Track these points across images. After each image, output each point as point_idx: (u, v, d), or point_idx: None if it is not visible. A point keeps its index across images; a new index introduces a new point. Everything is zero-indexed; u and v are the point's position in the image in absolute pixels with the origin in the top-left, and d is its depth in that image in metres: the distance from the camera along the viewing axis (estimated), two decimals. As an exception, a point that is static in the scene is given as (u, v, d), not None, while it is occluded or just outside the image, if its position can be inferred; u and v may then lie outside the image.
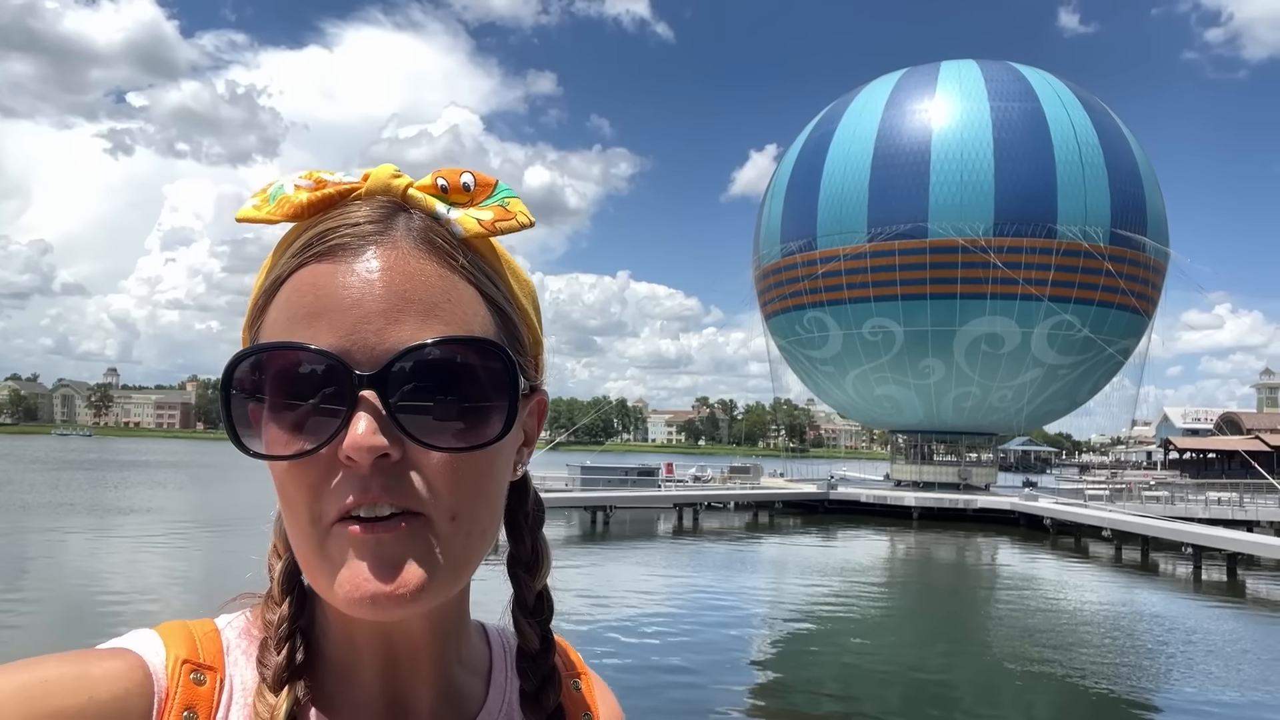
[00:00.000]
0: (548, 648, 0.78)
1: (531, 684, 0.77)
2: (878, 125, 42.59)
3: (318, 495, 0.61)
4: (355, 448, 0.58)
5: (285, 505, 0.64)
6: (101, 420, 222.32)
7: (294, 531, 0.64)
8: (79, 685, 0.59)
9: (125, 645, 0.65)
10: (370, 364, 0.59)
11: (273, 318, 0.64)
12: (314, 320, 0.61)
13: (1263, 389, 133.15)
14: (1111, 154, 41.37)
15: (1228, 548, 26.36)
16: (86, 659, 0.62)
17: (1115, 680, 13.97)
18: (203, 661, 0.67)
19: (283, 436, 0.60)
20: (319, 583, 0.63)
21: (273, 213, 0.64)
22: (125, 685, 0.61)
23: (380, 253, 0.62)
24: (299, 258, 0.63)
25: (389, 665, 0.70)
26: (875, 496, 42.68)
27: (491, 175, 0.69)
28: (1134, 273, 41.43)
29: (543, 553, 0.79)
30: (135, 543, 25.22)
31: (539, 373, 0.73)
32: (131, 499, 39.14)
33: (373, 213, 0.64)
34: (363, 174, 0.67)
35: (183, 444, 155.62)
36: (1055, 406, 47.16)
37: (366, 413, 0.59)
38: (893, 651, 15.82)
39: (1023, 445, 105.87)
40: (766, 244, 47.52)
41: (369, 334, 0.60)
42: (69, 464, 69.37)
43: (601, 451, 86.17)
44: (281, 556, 0.72)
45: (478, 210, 0.67)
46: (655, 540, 31.99)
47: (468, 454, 0.62)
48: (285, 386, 0.61)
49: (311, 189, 0.65)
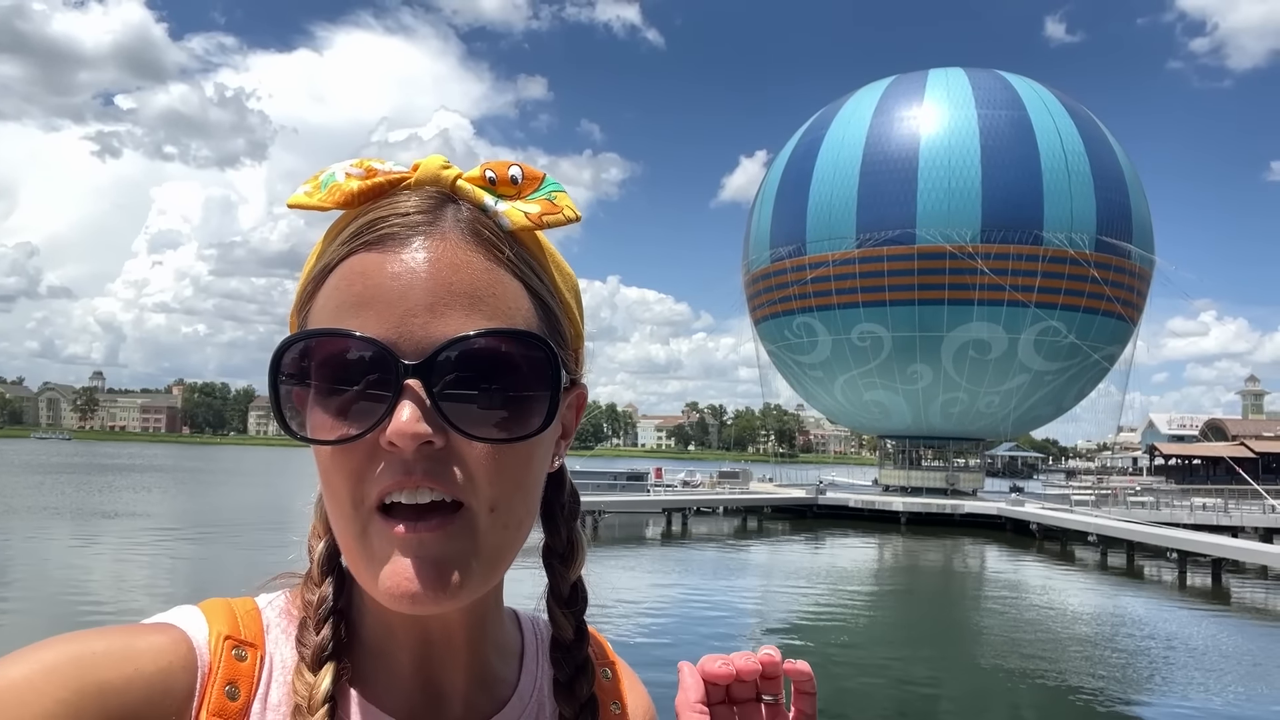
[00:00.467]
0: (581, 638, 0.79)
1: (565, 673, 0.78)
2: (866, 132, 42.80)
3: (360, 480, 0.62)
4: (399, 434, 0.59)
5: (327, 490, 0.65)
6: (87, 424, 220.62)
7: (336, 515, 0.65)
8: (125, 657, 0.61)
9: (170, 620, 0.67)
10: (416, 353, 0.61)
11: (320, 304, 0.65)
12: (362, 308, 0.62)
13: (1248, 395, 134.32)
14: (1097, 162, 41.68)
15: (1212, 553, 26.52)
16: (133, 633, 0.64)
17: (1101, 686, 14.04)
18: (244, 638, 0.68)
19: (328, 421, 0.62)
20: (360, 572, 0.64)
21: (324, 200, 0.66)
22: (170, 659, 0.63)
23: (428, 243, 0.64)
24: (348, 245, 0.64)
25: (424, 648, 0.72)
26: (863, 501, 42.79)
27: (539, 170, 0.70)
28: (1119, 279, 41.71)
29: (578, 543, 0.81)
30: (118, 547, 25.05)
31: (579, 366, 0.75)
32: (115, 503, 38.89)
33: (422, 203, 0.65)
34: (413, 164, 0.68)
35: (168, 448, 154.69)
36: (1042, 412, 47.41)
37: (411, 401, 0.60)
38: (880, 656, 15.87)
39: (1009, 451, 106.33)
40: (756, 249, 47.64)
41: (415, 324, 0.61)
42: (53, 468, 68.84)
43: (591, 456, 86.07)
44: (322, 538, 0.74)
45: (524, 203, 0.68)
46: (644, 545, 31.98)
47: (509, 445, 0.63)
48: (332, 372, 0.62)
49: (362, 177, 0.66)
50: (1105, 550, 31.23)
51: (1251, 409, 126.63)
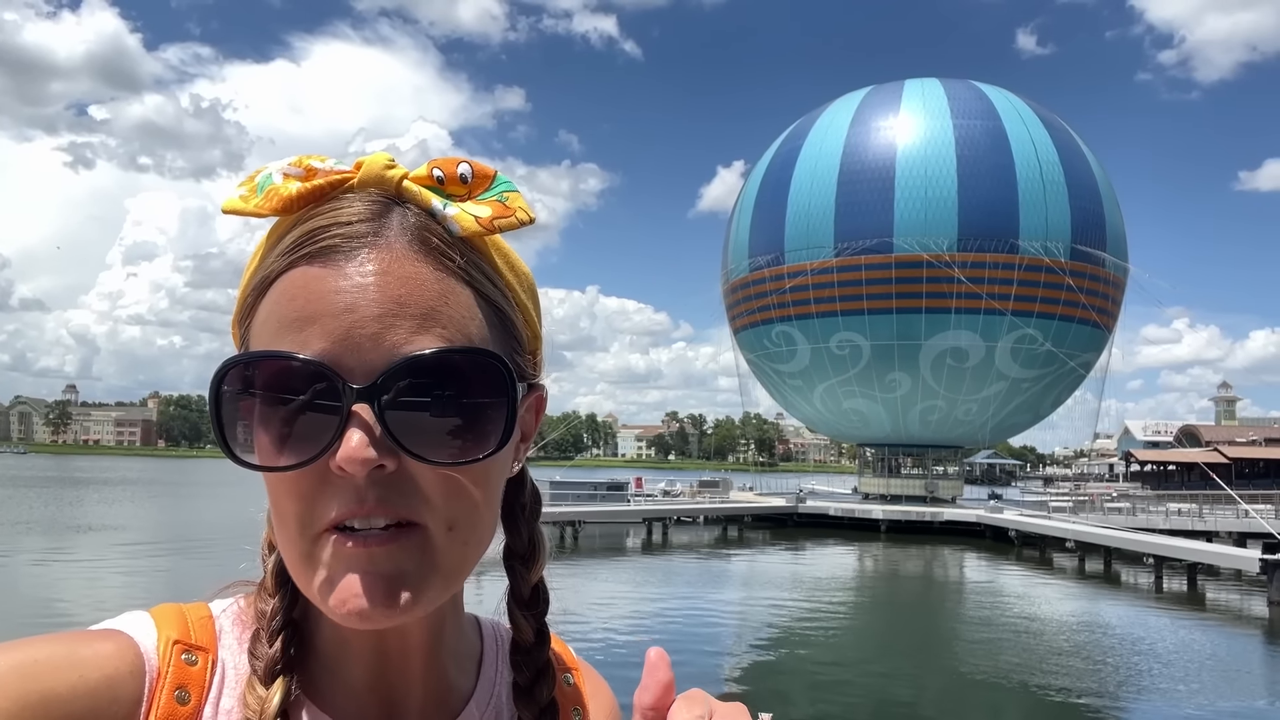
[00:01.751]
0: (542, 641, 0.77)
1: (525, 677, 0.76)
2: (843, 142, 43.07)
3: (310, 505, 0.59)
4: (348, 460, 0.56)
5: (275, 511, 0.63)
6: (60, 438, 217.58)
7: (282, 538, 0.63)
8: (69, 664, 0.59)
9: (117, 626, 0.65)
10: (364, 374, 0.58)
11: (261, 319, 0.62)
12: (305, 325, 0.58)
13: (1220, 402, 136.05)
14: (1071, 171, 42.16)
15: (1188, 558, 26.77)
16: (77, 639, 0.62)
17: (1081, 691, 14.08)
18: (195, 642, 0.66)
19: (274, 446, 0.59)
20: (308, 590, 0.62)
21: (260, 205, 0.62)
22: (116, 665, 0.61)
23: (374, 255, 0.60)
24: (288, 257, 0.61)
25: (379, 659, 0.69)
26: (843, 510, 42.86)
27: (490, 166, 0.67)
28: (1094, 287, 42.16)
29: (539, 544, 0.78)
30: (91, 563, 24.63)
31: (538, 368, 0.72)
32: (87, 517, 38.28)
33: (365, 209, 0.61)
34: (355, 162, 0.64)
35: (143, 461, 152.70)
36: (1019, 420, 47.76)
37: (358, 426, 0.57)
38: (861, 664, 15.85)
39: (988, 458, 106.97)
40: (735, 259, 47.77)
41: (363, 341, 0.58)
42: (22, 482, 67.73)
43: (571, 467, 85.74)
44: (275, 549, 0.70)
45: (475, 205, 0.64)
46: (625, 555, 31.85)
47: (463, 466, 0.61)
48: (276, 396, 0.58)
49: (301, 177, 0.62)
50: (1083, 556, 31.43)
51: (1224, 415, 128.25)
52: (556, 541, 33.60)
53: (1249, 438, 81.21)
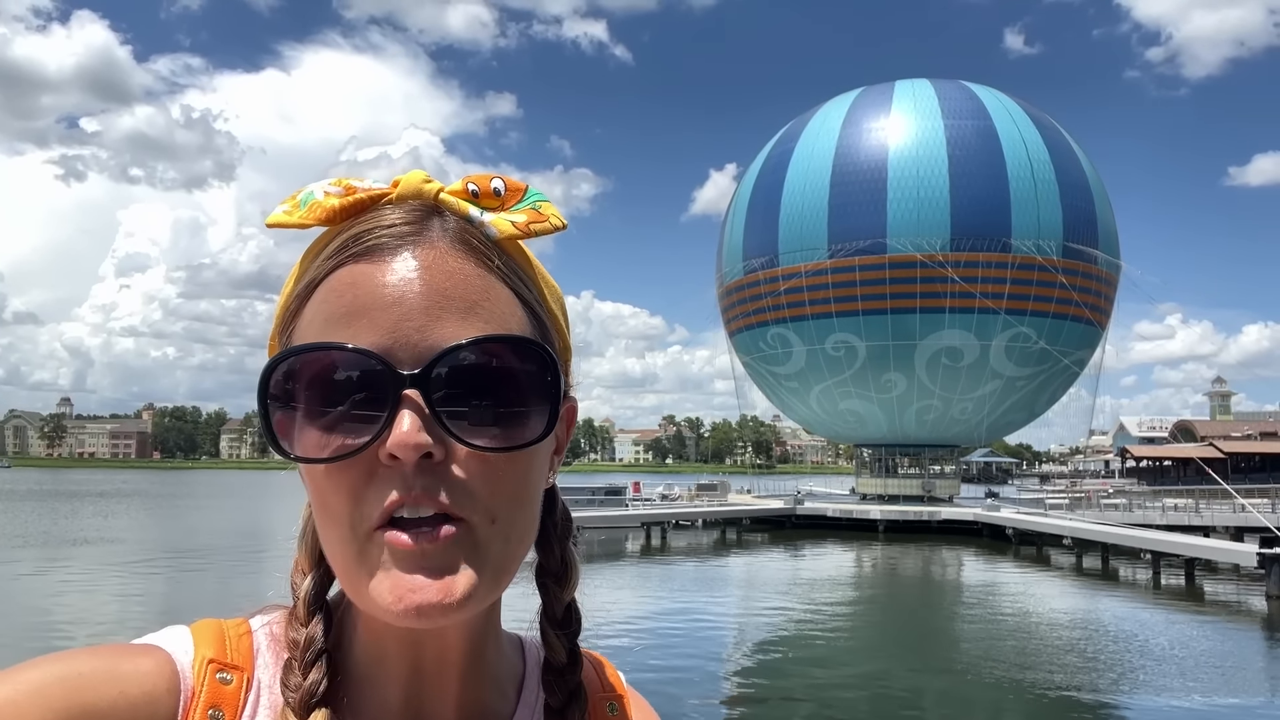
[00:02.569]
0: (575, 661, 0.76)
1: (558, 699, 0.74)
2: (835, 143, 43.21)
3: (358, 499, 0.60)
4: (401, 445, 0.57)
5: (322, 512, 0.63)
6: (55, 451, 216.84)
7: (332, 538, 0.62)
8: (111, 680, 0.60)
9: (157, 642, 0.66)
10: (412, 362, 0.59)
11: (307, 320, 0.63)
12: (353, 320, 0.60)
13: (1215, 397, 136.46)
14: (1062, 170, 42.35)
15: (1185, 553, 26.85)
16: (119, 654, 0.62)
17: (1081, 688, 14.12)
18: (230, 661, 0.67)
19: (322, 439, 0.59)
20: (359, 592, 0.61)
21: (305, 217, 0.64)
22: (155, 682, 0.62)
23: (418, 252, 0.62)
24: (334, 259, 0.63)
25: (415, 680, 0.69)
26: (841, 511, 42.93)
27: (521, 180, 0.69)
28: (1087, 285, 42.32)
29: (571, 563, 0.78)
30: (87, 577, 24.55)
31: (568, 379, 0.73)
32: (83, 530, 38.16)
33: (407, 214, 0.64)
34: (392, 181, 0.66)
35: (139, 474, 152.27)
36: (1015, 418, 47.89)
37: (411, 410, 0.58)
38: (862, 664, 15.87)
39: (984, 457, 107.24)
40: (729, 261, 47.86)
41: (410, 332, 0.60)
42: (15, 496, 67.50)
43: (569, 472, 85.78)
44: (308, 573, 0.70)
45: (510, 214, 0.67)
46: (624, 560, 31.84)
47: (508, 455, 0.61)
48: (324, 388, 0.60)
49: (342, 195, 0.64)
50: (1080, 553, 31.53)
51: (1219, 410, 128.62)
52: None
53: (1244, 432, 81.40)
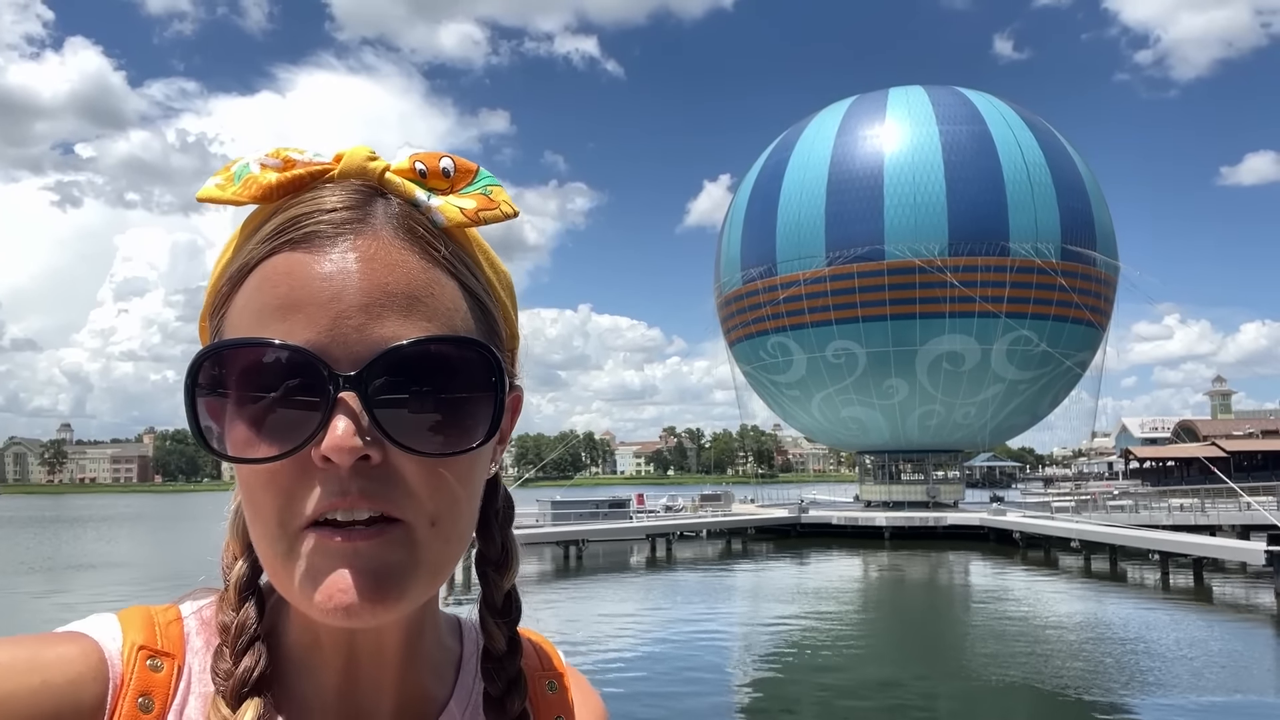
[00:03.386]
0: (515, 649, 0.75)
1: (497, 687, 0.73)
2: (831, 151, 43.28)
3: (289, 499, 0.57)
4: (335, 449, 0.55)
5: (251, 508, 0.60)
6: (56, 478, 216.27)
7: (260, 535, 0.60)
8: (31, 668, 0.58)
9: (82, 629, 0.64)
10: (350, 362, 0.56)
11: (240, 307, 0.60)
12: (289, 313, 0.57)
13: (1215, 396, 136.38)
14: (1058, 172, 42.41)
15: (1193, 553, 26.76)
16: (41, 642, 0.61)
17: (1092, 690, 14.03)
18: (160, 648, 0.65)
19: (254, 437, 0.57)
20: (287, 589, 0.59)
21: (238, 193, 0.60)
22: (79, 669, 0.60)
23: (359, 242, 0.59)
24: (269, 244, 0.59)
25: (350, 665, 0.67)
26: (846, 518, 42.78)
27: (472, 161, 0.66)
28: (1086, 286, 42.31)
29: (512, 551, 0.76)
30: (91, 602, 24.45)
31: (515, 368, 0.71)
32: (85, 555, 38.01)
33: (349, 198, 0.60)
34: (335, 154, 0.63)
35: (141, 498, 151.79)
36: (1017, 421, 47.78)
37: (345, 414, 0.55)
38: (871, 671, 15.78)
39: (987, 461, 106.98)
40: (727, 271, 47.87)
41: (349, 330, 0.57)
42: (17, 524, 67.25)
43: (571, 486, 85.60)
44: (239, 558, 0.68)
45: (459, 198, 0.63)
46: (629, 572, 31.72)
47: (450, 458, 0.59)
48: (257, 385, 0.57)
49: (279, 168, 0.61)
50: (1088, 555, 31.42)
51: (1220, 409, 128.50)
52: (560, 561, 33.47)
53: (1246, 430, 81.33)
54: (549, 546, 34.53)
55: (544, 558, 33.72)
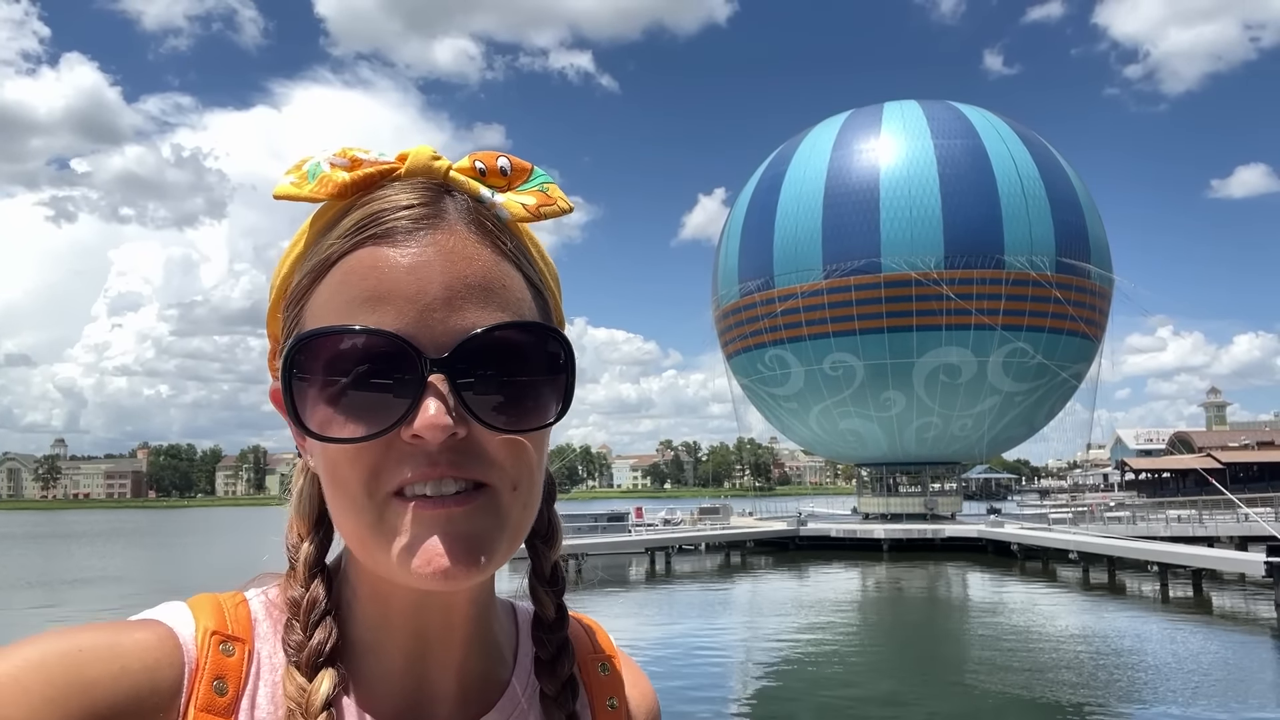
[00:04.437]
0: (563, 616, 0.79)
1: (548, 652, 0.77)
2: (827, 165, 43.55)
3: (375, 473, 0.62)
4: (428, 428, 0.59)
5: (336, 484, 0.64)
6: (50, 493, 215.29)
7: (345, 508, 0.64)
8: (112, 654, 0.61)
9: (156, 616, 0.67)
10: (437, 347, 0.61)
11: (325, 298, 0.64)
12: (377, 304, 0.61)
13: (1210, 407, 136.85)
14: (1052, 185, 42.72)
15: (1192, 564, 26.82)
16: (119, 629, 0.63)
17: (1091, 704, 14.05)
18: (231, 633, 0.68)
19: (346, 418, 0.61)
20: (376, 557, 0.63)
21: (315, 190, 0.64)
22: (156, 655, 0.63)
23: (437, 236, 0.64)
24: (351, 239, 0.64)
25: (419, 646, 0.71)
26: (845, 531, 42.79)
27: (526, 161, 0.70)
28: (1081, 299, 42.55)
29: (557, 524, 0.81)
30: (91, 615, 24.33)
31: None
32: (81, 570, 37.86)
33: (423, 194, 0.65)
34: (398, 154, 0.67)
35: (135, 514, 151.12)
36: (1014, 433, 47.91)
37: (435, 396, 0.60)
38: (869, 685, 15.78)
39: (983, 473, 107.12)
40: (725, 285, 48.04)
41: (434, 318, 0.61)
42: (14, 540, 66.93)
43: (568, 500, 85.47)
44: (305, 538, 0.72)
45: (518, 195, 0.68)
46: (629, 586, 31.68)
47: (513, 435, 0.64)
48: (352, 369, 0.61)
49: (346, 167, 0.65)
50: (1087, 567, 31.45)
51: (1215, 420, 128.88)
52: (559, 575, 33.37)
53: (1241, 441, 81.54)
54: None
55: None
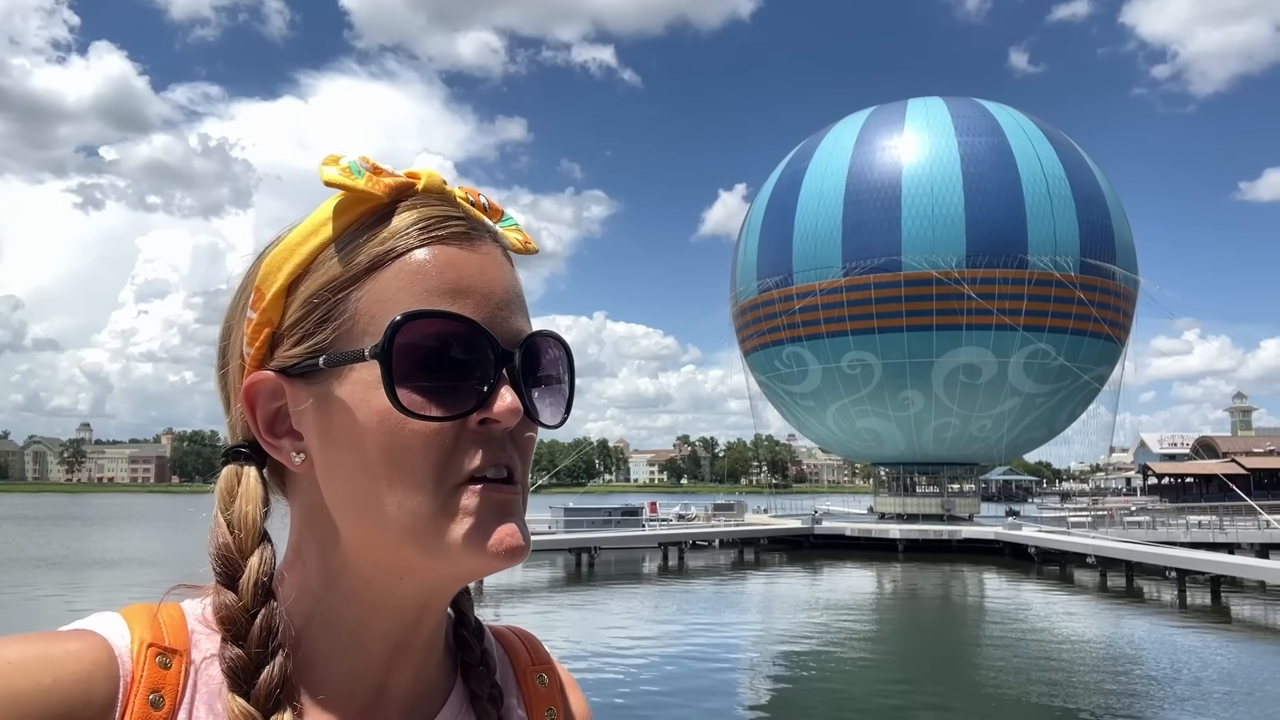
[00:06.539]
0: (480, 623, 0.83)
1: (473, 655, 0.80)
2: (849, 162, 43.24)
3: (449, 456, 0.65)
4: (507, 412, 0.65)
5: (402, 469, 0.65)
6: (75, 477, 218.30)
7: (413, 491, 0.65)
8: (42, 666, 0.59)
9: (89, 627, 0.65)
10: (507, 343, 0.68)
11: (395, 287, 0.66)
12: (457, 298, 0.66)
13: (1236, 412, 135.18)
14: (1078, 185, 42.18)
15: (1211, 570, 26.47)
16: (50, 640, 0.61)
17: (1104, 711, 13.89)
18: (168, 645, 0.66)
19: (428, 400, 0.64)
20: (438, 540, 0.65)
21: (369, 185, 0.68)
22: (89, 667, 0.61)
23: (488, 247, 0.71)
24: (421, 237, 0.67)
25: (388, 653, 0.72)
26: (860, 530, 42.58)
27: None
28: (1105, 300, 42.03)
29: None
30: (111, 597, 24.64)
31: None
32: (105, 552, 38.35)
33: (460, 209, 0.72)
34: (405, 172, 0.71)
35: (158, 498, 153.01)
36: (1034, 435, 47.46)
37: (511, 384, 0.67)
38: (883, 687, 15.69)
39: (1003, 475, 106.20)
40: (743, 281, 47.86)
41: (500, 316, 0.68)
42: (43, 521, 67.94)
43: (584, 493, 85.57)
44: (251, 552, 0.68)
45: (507, 229, 0.75)
46: (641, 581, 31.68)
47: (535, 432, 0.71)
48: (439, 353, 0.65)
49: (372, 171, 0.69)
50: (1104, 571, 31.12)
51: (1240, 426, 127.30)
52: (572, 568, 33.48)
53: (1266, 448, 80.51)
54: (561, 553, 34.56)
55: (555, 565, 33.75)
